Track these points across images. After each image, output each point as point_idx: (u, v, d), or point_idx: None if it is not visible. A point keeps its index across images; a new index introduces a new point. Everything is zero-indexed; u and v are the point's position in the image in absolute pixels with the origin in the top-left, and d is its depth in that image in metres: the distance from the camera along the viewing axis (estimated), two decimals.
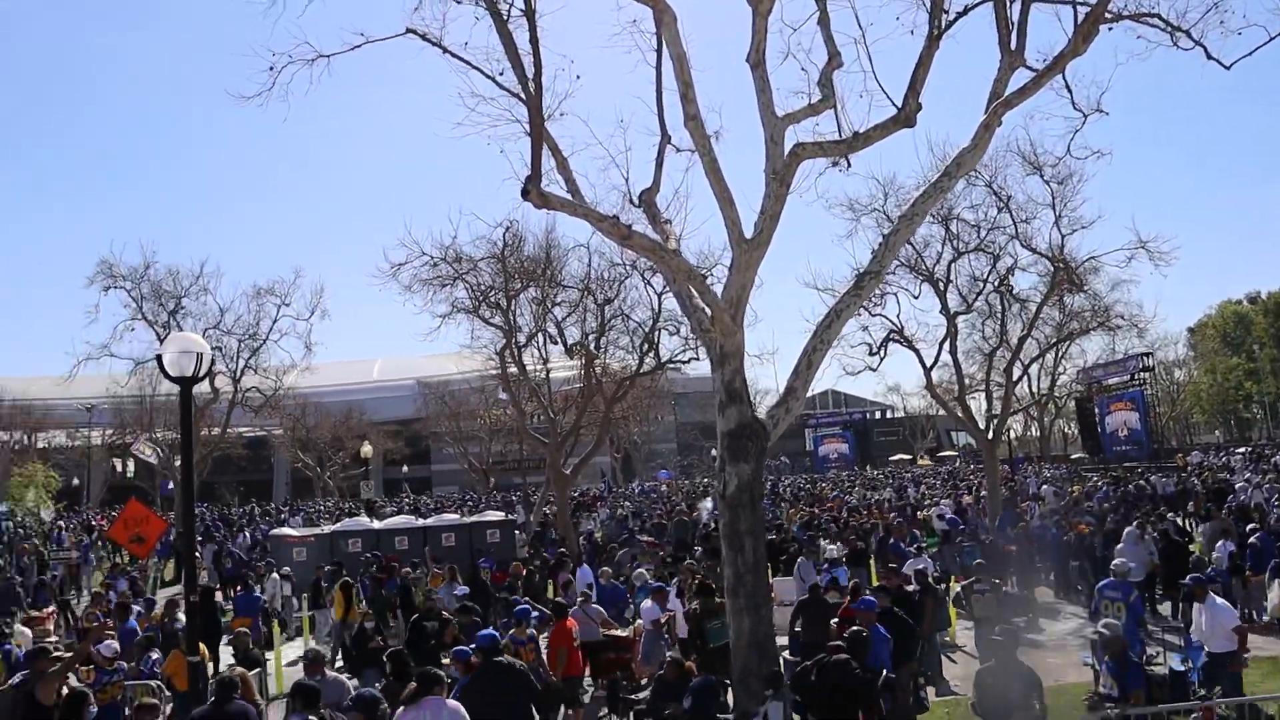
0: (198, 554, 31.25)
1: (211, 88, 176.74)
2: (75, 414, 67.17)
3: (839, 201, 29.98)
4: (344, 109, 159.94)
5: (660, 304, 30.33)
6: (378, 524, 29.42)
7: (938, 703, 13.32)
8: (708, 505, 42.91)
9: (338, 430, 66.26)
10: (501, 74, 12.30)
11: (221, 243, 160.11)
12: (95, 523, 47.18)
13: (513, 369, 32.86)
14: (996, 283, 31.93)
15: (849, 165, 13.68)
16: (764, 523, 13.42)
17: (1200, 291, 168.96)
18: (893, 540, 23.00)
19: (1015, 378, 34.51)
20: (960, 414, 33.37)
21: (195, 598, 11.19)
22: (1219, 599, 12.00)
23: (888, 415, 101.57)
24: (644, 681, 14.05)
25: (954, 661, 16.03)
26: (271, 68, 12.47)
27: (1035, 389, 54.23)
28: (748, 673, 11.45)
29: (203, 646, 13.22)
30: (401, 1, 12.42)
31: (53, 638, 14.25)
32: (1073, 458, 65.90)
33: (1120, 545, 18.73)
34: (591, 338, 32.20)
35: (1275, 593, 16.52)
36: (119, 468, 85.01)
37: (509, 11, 11.71)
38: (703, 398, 76.96)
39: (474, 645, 10.29)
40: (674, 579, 17.77)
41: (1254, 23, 12.76)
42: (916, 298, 31.73)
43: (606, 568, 19.27)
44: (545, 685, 10.88)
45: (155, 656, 13.37)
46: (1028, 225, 30.37)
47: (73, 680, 10.52)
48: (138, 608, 18.58)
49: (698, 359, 31.33)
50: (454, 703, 8.43)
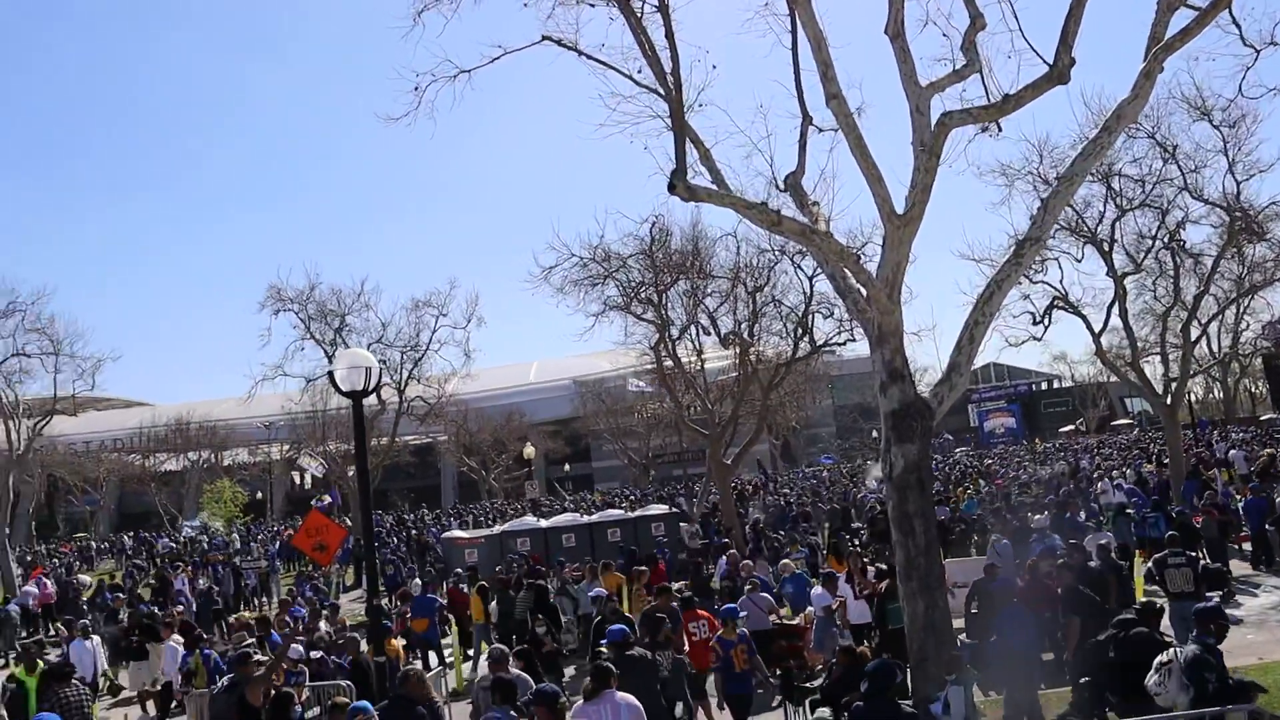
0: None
1: (360, 111, 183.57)
2: (255, 432, 70.65)
3: (990, 168, 28.94)
4: (488, 120, 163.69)
5: (812, 287, 30.00)
6: (544, 523, 29.98)
7: None
8: (871, 484, 42.28)
9: (499, 433, 67.76)
10: (639, 71, 12.35)
11: (379, 260, 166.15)
12: (280, 533, 49.48)
13: (668, 362, 32.99)
14: (1166, 239, 30.25)
15: (999, 130, 13.15)
16: (933, 503, 13.06)
17: None
18: (1069, 515, 22.16)
19: (1193, 338, 32.62)
20: (1135, 379, 31.86)
21: (377, 601, 11.66)
22: None
23: (1055, 385, 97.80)
24: (817, 669, 13.90)
25: None
26: (416, 88, 12.83)
27: (1216, 348, 51.29)
28: (924, 657, 11.19)
29: (394, 643, 13.77)
30: (535, 10, 12.55)
31: (249, 642, 15.01)
32: (1262, 419, 62.09)
33: None
34: (744, 326, 32.06)
35: None
36: (297, 481, 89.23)
37: (642, 9, 11.74)
38: (860, 379, 75.77)
39: (606, 640, 10.72)
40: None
41: None
42: (1080, 261, 30.44)
43: (763, 560, 19.11)
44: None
45: (343, 660, 13.97)
46: (1197, 175, 28.59)
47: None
48: (325, 613, 19.46)
49: (854, 340, 30.85)
50: (629, 696, 8.56)
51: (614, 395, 64.77)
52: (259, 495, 77.20)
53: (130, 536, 60.81)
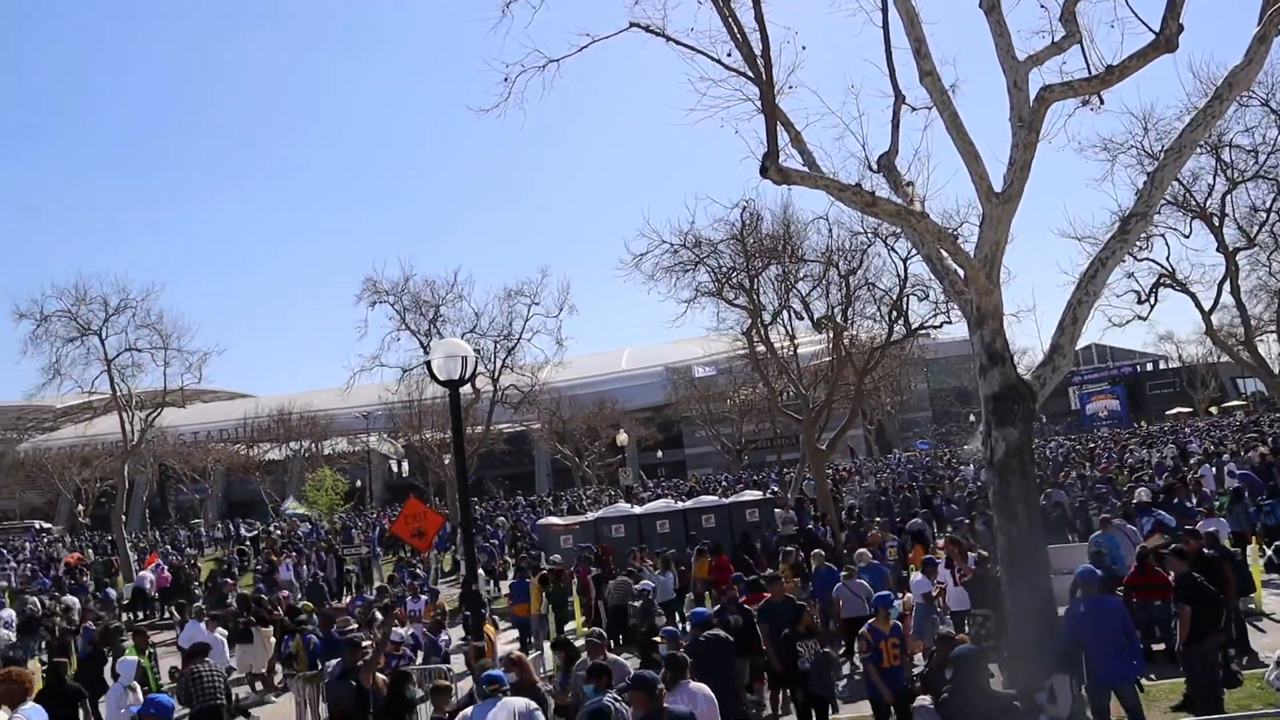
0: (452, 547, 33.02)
1: (451, 104, 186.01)
2: (354, 421, 72.28)
3: (1092, 143, 28.01)
4: (577, 109, 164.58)
5: (907, 269, 29.49)
6: (638, 509, 30.06)
7: (1250, 675, 12.28)
8: (969, 470, 41.52)
9: (592, 421, 68.21)
10: (729, 55, 12.20)
11: (472, 250, 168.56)
12: (380, 520, 50.55)
13: (760, 348, 32.79)
14: None
15: (1101, 103, 12.71)
16: (1036, 489, 12.74)
17: None
18: (1176, 500, 21.44)
19: None
20: (1248, 359, 30.68)
21: (475, 586, 11.82)
22: None
23: (1161, 366, 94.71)
24: (917, 657, 13.72)
25: (1262, 631, 14.77)
26: (505, 79, 12.88)
27: None
28: (1028, 646, 10.94)
29: (489, 628, 13.99)
30: None
31: (352, 625, 15.37)
32: None
33: None
34: (838, 310, 31.68)
35: None
36: (395, 468, 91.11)
37: None
38: (956, 362, 74.56)
39: (692, 620, 11.76)
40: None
41: None
42: (1188, 237, 29.40)
43: (863, 549, 18.81)
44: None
45: (444, 639, 14.23)
46: None
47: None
48: (424, 597, 19.81)
49: (950, 323, 30.24)
50: (703, 686, 8.77)
51: (705, 381, 64.62)
52: (358, 483, 78.98)
53: (237, 523, 62.66)
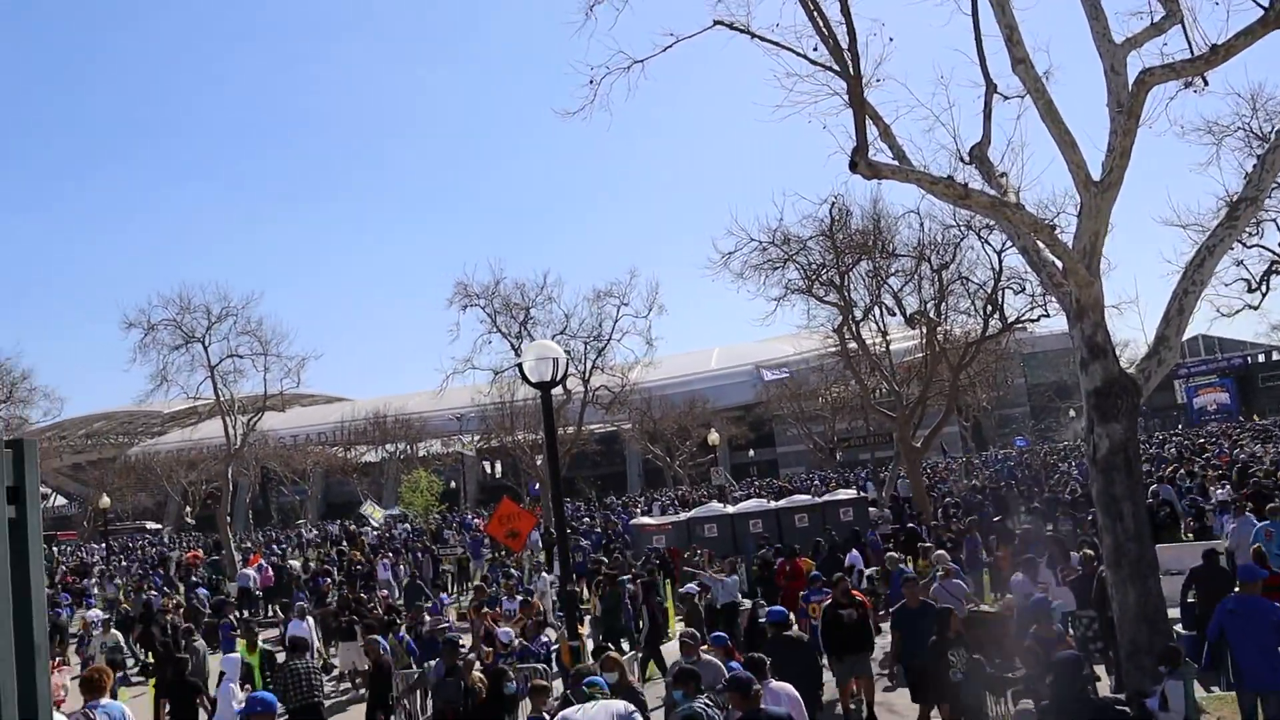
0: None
1: (537, 108, 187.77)
2: (447, 424, 73.33)
3: (1195, 126, 26.98)
4: (663, 109, 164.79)
5: (1001, 262, 28.89)
6: (731, 509, 29.91)
7: None
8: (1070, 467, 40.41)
9: (683, 420, 68.10)
10: (815, 49, 12.07)
11: (561, 252, 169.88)
12: (474, 521, 51.17)
13: (852, 345, 32.41)
14: None
15: (1205, 84, 12.25)
16: (1142, 486, 12.34)
17: None
18: None
19: None
20: None
21: (571, 586, 11.87)
22: None
23: (1274, 358, 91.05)
24: (1018, 660, 13.35)
25: None
26: (590, 81, 12.94)
27: None
28: (1137, 649, 10.60)
29: (582, 628, 14.06)
30: None
31: (441, 626, 15.58)
32: None
33: None
34: (931, 305, 31.18)
35: None
36: (488, 469, 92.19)
37: None
38: (1055, 356, 72.72)
39: (767, 619, 11.74)
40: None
41: None
42: None
43: (941, 551, 18.39)
44: None
45: (546, 639, 14.33)
46: None
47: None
48: (520, 598, 19.96)
49: (1047, 316, 29.52)
50: (785, 684, 8.89)
51: (796, 379, 64.10)
52: (452, 484, 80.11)
53: (336, 524, 64.07)
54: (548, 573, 24.57)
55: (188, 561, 42.19)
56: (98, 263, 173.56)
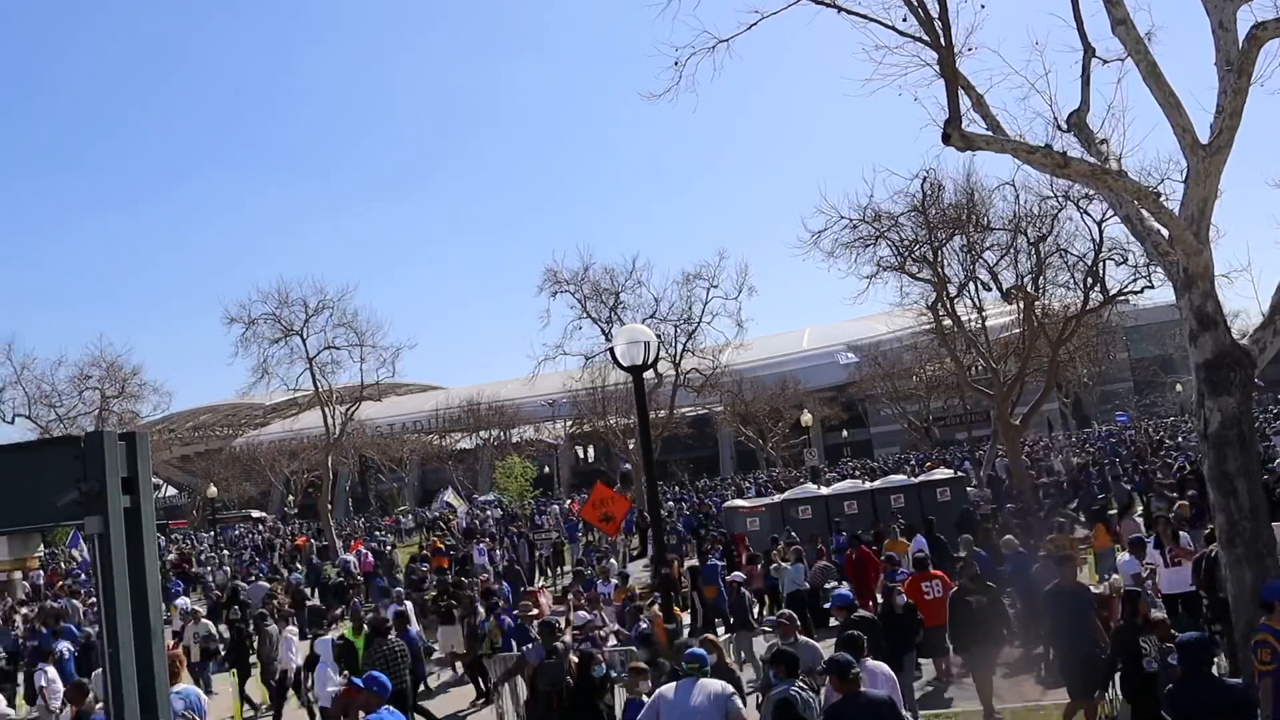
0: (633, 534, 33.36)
1: (623, 92, 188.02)
2: (540, 409, 74.03)
3: None
4: (749, 88, 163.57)
5: (1102, 233, 28.16)
6: (825, 490, 29.65)
7: None
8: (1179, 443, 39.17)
9: (774, 402, 67.76)
10: (903, 20, 11.80)
11: (650, 236, 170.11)
12: (570, 506, 51.62)
13: (947, 321, 31.86)
14: None
15: None
16: (1258, 462, 11.87)
17: None
18: None
19: None
20: None
21: (666, 570, 11.87)
22: None
23: None
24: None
25: None
26: (676, 62, 12.84)
27: None
28: (1254, 631, 10.18)
29: (678, 610, 14.07)
30: None
31: (533, 612, 15.69)
32: None
33: None
34: (1028, 279, 30.50)
35: None
36: (581, 454, 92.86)
37: None
38: (1160, 329, 70.49)
39: (834, 603, 11.99)
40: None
41: None
42: None
43: (1009, 536, 17.85)
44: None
45: (643, 624, 14.35)
46: None
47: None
48: (615, 581, 20.06)
49: (1151, 287, 28.73)
50: (881, 664, 9.03)
51: (890, 358, 63.29)
52: (546, 470, 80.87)
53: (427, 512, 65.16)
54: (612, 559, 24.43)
55: (296, 546, 43.32)
56: (198, 258, 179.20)
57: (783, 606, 17.56)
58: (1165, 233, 11.09)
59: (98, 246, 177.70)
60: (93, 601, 20.09)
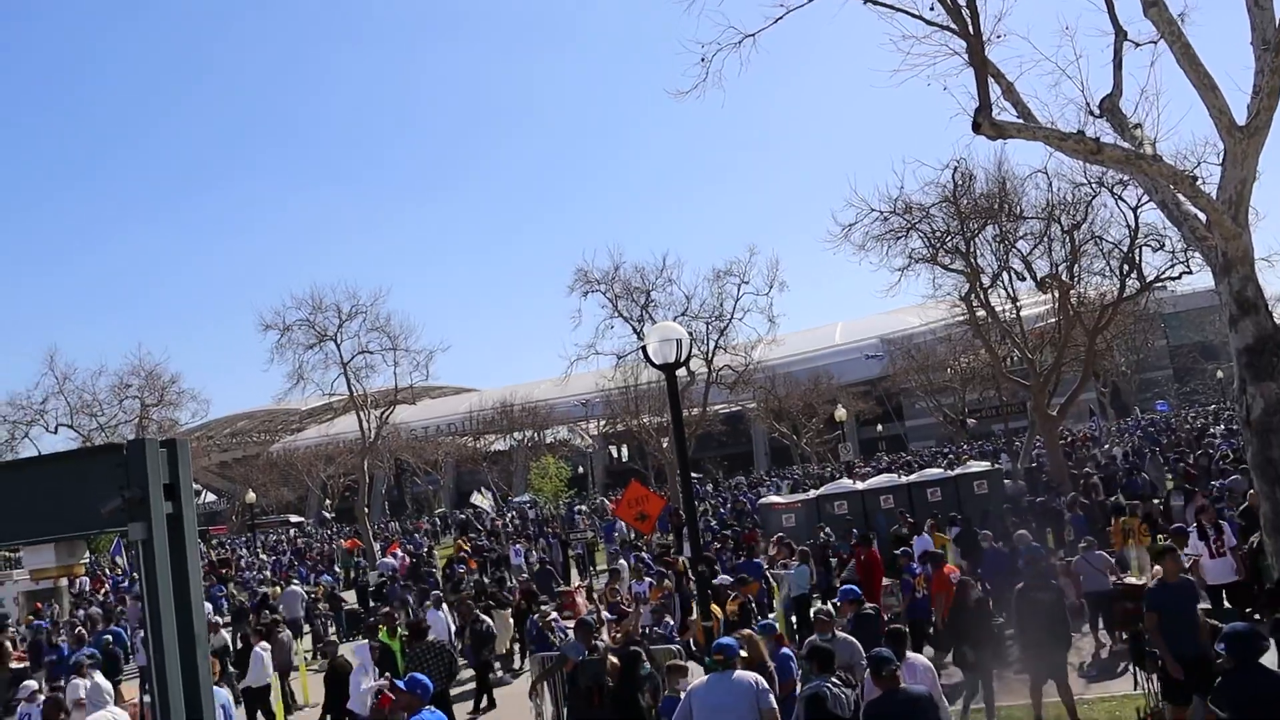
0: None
1: (651, 90, 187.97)
2: (573, 409, 74.14)
3: None
4: (776, 83, 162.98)
5: (1137, 219, 27.82)
6: (861, 485, 29.50)
7: None
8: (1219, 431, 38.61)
9: (808, 397, 67.46)
10: (931, 9, 11.77)
11: (680, 233, 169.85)
12: (608, 505, 51.68)
13: (981, 312, 31.62)
14: None
15: None
16: None
17: None
18: None
19: None
20: None
21: (703, 567, 11.86)
22: None
23: None
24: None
25: None
26: (703, 59, 12.89)
27: None
28: None
29: (716, 608, 14.04)
30: None
31: (551, 617, 15.70)
32: None
33: None
34: (1063, 267, 30.19)
35: None
36: (615, 453, 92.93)
37: None
38: (1198, 315, 69.59)
39: (841, 598, 12.20)
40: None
41: None
42: None
43: (1023, 531, 17.52)
44: None
45: (671, 623, 14.35)
46: None
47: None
48: (650, 579, 20.02)
49: (1189, 273, 28.34)
50: (920, 657, 9.16)
51: (923, 350, 62.91)
52: (580, 470, 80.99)
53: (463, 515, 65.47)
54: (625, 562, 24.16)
55: (347, 548, 43.56)
56: (230, 265, 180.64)
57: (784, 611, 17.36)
58: (1203, 217, 10.96)
59: (133, 256, 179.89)
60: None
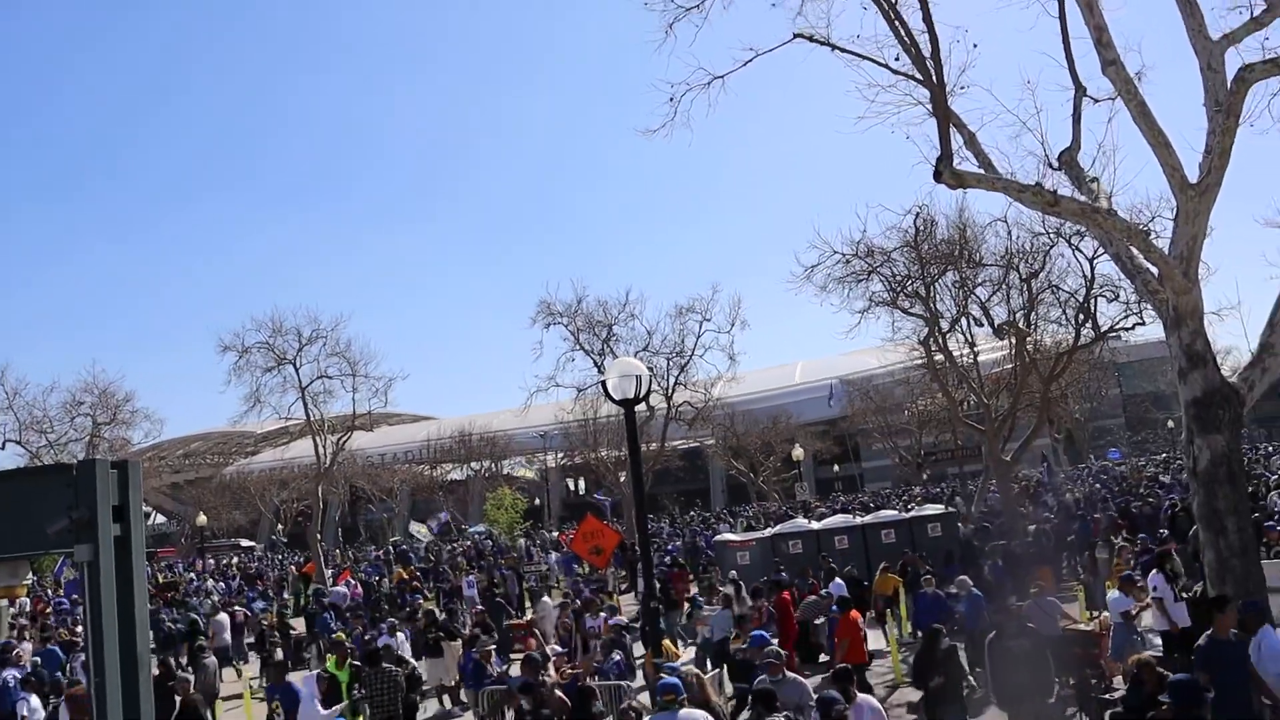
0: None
1: (620, 128, 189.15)
2: (532, 441, 73.84)
3: None
4: (743, 125, 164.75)
5: (1093, 270, 28.34)
6: (816, 525, 29.59)
7: None
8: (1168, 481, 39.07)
9: (766, 435, 67.66)
10: (896, 59, 12.02)
11: (644, 269, 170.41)
12: (560, 538, 51.39)
13: (939, 356, 31.96)
14: None
15: None
16: (1247, 499, 11.90)
17: None
18: None
19: None
20: None
21: (654, 603, 11.83)
22: None
23: None
24: (1115, 679, 12.98)
25: None
26: (671, 98, 13.05)
27: None
28: None
29: (668, 644, 14.00)
30: (784, 9, 12.47)
31: (490, 648, 15.57)
32: None
33: None
34: (1020, 315, 30.66)
35: None
36: (572, 486, 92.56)
37: None
38: (1151, 366, 70.70)
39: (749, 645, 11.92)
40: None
41: None
42: None
43: (963, 577, 17.70)
44: None
45: (616, 658, 14.25)
46: None
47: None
48: (604, 614, 19.93)
49: (1143, 324, 28.84)
50: (869, 697, 9.24)
51: (881, 392, 63.37)
52: (537, 501, 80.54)
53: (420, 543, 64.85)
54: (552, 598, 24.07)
55: (305, 572, 42.94)
56: (195, 288, 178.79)
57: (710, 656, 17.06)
58: (1155, 271, 11.19)
59: (94, 276, 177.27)
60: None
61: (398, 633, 18.88)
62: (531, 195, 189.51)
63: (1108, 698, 12.17)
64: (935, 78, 11.20)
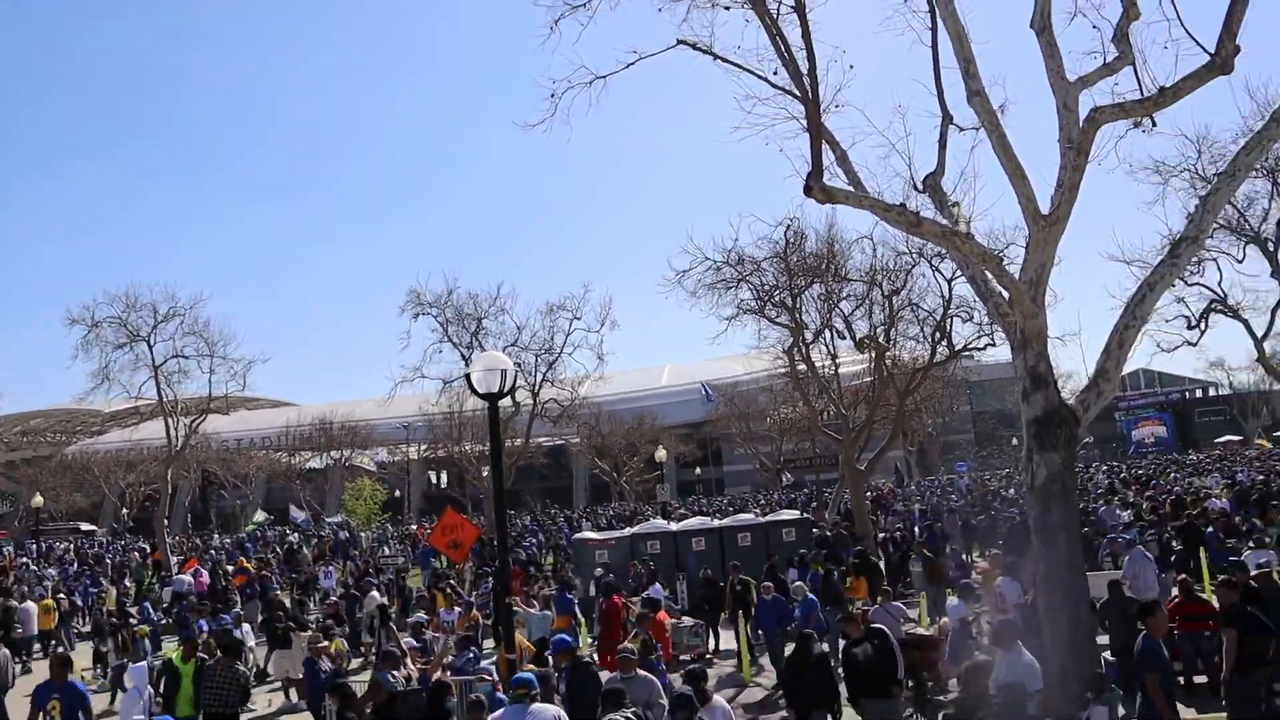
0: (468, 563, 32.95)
1: (500, 121, 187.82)
2: (395, 432, 72.70)
3: (1143, 165, 27.58)
4: (623, 126, 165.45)
5: (951, 290, 29.42)
6: (674, 526, 29.91)
7: None
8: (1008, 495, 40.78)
9: (631, 436, 68.12)
10: (775, 73, 12.27)
11: (516, 265, 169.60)
12: (417, 531, 50.73)
13: (801, 366, 32.68)
14: None
15: (1154, 124, 12.55)
16: (1078, 515, 12.57)
17: None
18: (1212, 530, 20.93)
19: None
20: None
21: (509, 599, 11.84)
22: None
23: (1211, 394, 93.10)
24: (950, 682, 13.55)
25: None
26: (552, 95, 13.03)
27: None
28: (1065, 674, 10.75)
29: (521, 639, 13.99)
30: (670, 15, 12.63)
31: (321, 644, 15.33)
32: None
33: None
34: (881, 330, 31.59)
35: None
36: (433, 479, 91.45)
37: (778, 10, 11.66)
38: (1000, 385, 73.74)
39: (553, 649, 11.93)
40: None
41: None
42: (1241, 261, 28.87)
43: (799, 584, 18.33)
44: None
45: (471, 654, 14.18)
46: None
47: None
48: (459, 609, 19.80)
49: (994, 345, 30.08)
50: (721, 699, 9.30)
51: (745, 399, 64.46)
52: (397, 493, 79.33)
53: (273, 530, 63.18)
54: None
55: (154, 560, 41.15)
56: (54, 262, 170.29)
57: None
58: (1006, 294, 11.72)
59: None
60: None
61: (243, 624, 18.39)
62: (409, 184, 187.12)
63: (941, 700, 12.71)
64: (811, 94, 11.49)
